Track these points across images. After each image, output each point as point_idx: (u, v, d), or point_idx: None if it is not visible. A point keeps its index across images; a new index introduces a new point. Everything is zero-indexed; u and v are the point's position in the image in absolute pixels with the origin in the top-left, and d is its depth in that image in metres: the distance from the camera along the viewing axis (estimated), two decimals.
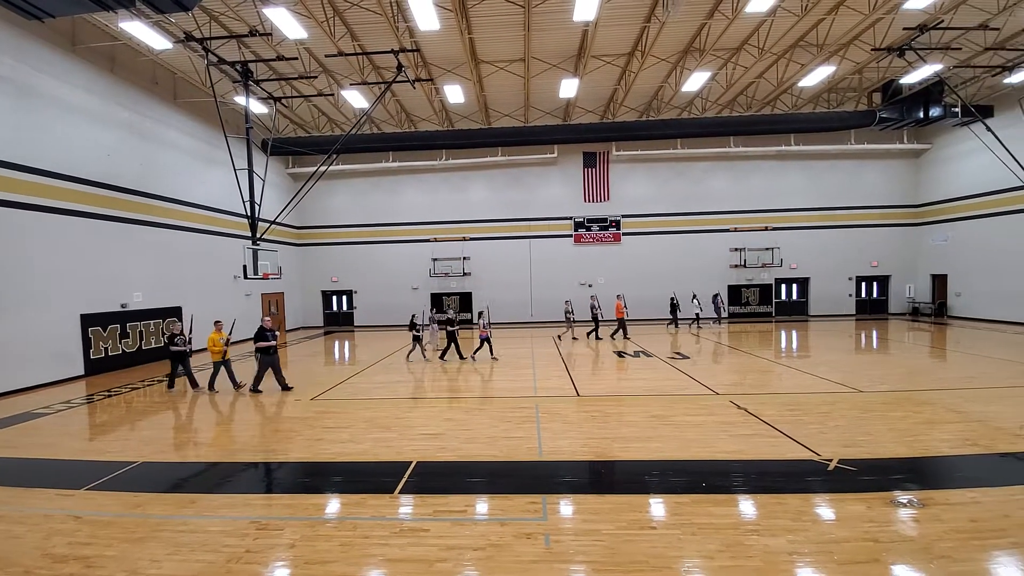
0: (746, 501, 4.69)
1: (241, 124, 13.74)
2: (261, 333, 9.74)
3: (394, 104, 18.82)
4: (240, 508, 4.79)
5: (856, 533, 4.03)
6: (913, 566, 3.57)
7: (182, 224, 15.75)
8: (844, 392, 8.78)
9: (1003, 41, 13.61)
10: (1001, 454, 5.71)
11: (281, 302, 21.58)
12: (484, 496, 4.94)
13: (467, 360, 12.82)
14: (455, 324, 13.02)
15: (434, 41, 13.94)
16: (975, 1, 11.97)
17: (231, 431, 7.47)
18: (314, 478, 5.62)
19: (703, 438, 6.51)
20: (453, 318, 13.23)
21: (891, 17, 12.85)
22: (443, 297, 23.14)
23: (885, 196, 22.37)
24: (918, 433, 6.50)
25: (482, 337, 12.99)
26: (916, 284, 22.25)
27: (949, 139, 20.41)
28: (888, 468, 5.38)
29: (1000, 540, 3.84)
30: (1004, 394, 8.34)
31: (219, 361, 9.94)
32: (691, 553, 3.80)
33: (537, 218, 22.78)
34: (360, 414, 8.09)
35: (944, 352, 13.09)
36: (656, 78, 17.11)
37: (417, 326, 13.30)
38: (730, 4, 12.12)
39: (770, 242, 22.25)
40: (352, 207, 23.27)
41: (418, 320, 13.49)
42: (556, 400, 8.71)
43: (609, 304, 17.97)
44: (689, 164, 22.32)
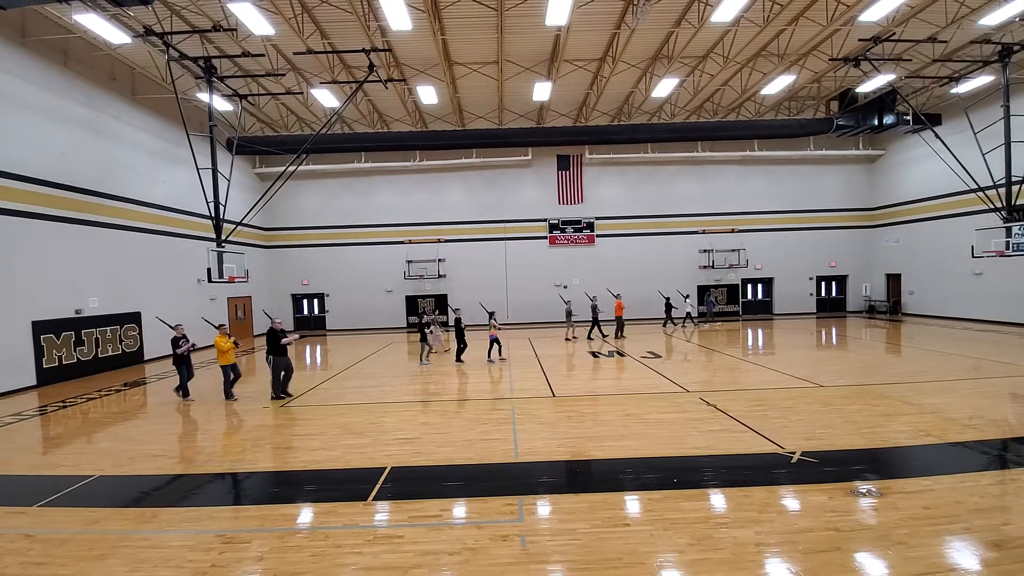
0: (715, 495, 4.83)
1: (204, 122, 13.27)
2: (274, 336, 9.30)
3: (366, 104, 18.55)
4: (205, 521, 4.61)
5: (819, 523, 4.21)
6: (872, 553, 3.75)
7: (142, 226, 15.07)
8: (806, 387, 9.15)
9: (950, 53, 14.50)
10: (952, 443, 6.06)
11: (249, 306, 20.90)
12: (460, 500, 4.91)
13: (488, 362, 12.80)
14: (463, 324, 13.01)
15: (407, 41, 13.82)
16: (925, 15, 12.72)
17: (195, 441, 7.19)
18: (284, 488, 5.46)
19: (674, 435, 6.66)
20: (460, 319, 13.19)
21: (847, 29, 13.52)
22: (418, 300, 22.91)
23: (842, 200, 23.51)
24: (875, 425, 6.84)
25: (492, 338, 13.03)
26: (872, 283, 23.45)
27: (901, 146, 21.61)
28: (848, 459, 5.63)
29: (952, 525, 4.08)
30: (954, 387, 8.86)
31: (227, 365, 9.47)
32: (663, 548, 3.89)
33: (512, 220, 22.85)
34: (332, 420, 7.91)
35: (898, 348, 13.81)
36: (627, 83, 17.45)
37: (427, 327, 13.20)
38: (696, 13, 12.50)
39: (736, 244, 23.02)
40: (323, 208, 22.77)
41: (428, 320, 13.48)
42: (532, 401, 8.75)
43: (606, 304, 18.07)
44: (659, 168, 22.85)
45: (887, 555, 3.71)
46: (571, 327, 17.37)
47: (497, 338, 13.04)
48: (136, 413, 9.06)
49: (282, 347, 9.26)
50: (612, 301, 17.49)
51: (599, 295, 17.94)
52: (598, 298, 17.40)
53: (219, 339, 9.45)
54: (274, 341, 9.24)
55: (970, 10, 12.15)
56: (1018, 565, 3.49)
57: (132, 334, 14.27)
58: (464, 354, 13.02)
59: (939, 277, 20.03)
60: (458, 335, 12.99)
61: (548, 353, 14.12)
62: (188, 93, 15.39)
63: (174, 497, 5.26)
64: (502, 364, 12.50)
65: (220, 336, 9.49)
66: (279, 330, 9.37)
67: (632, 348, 14.57)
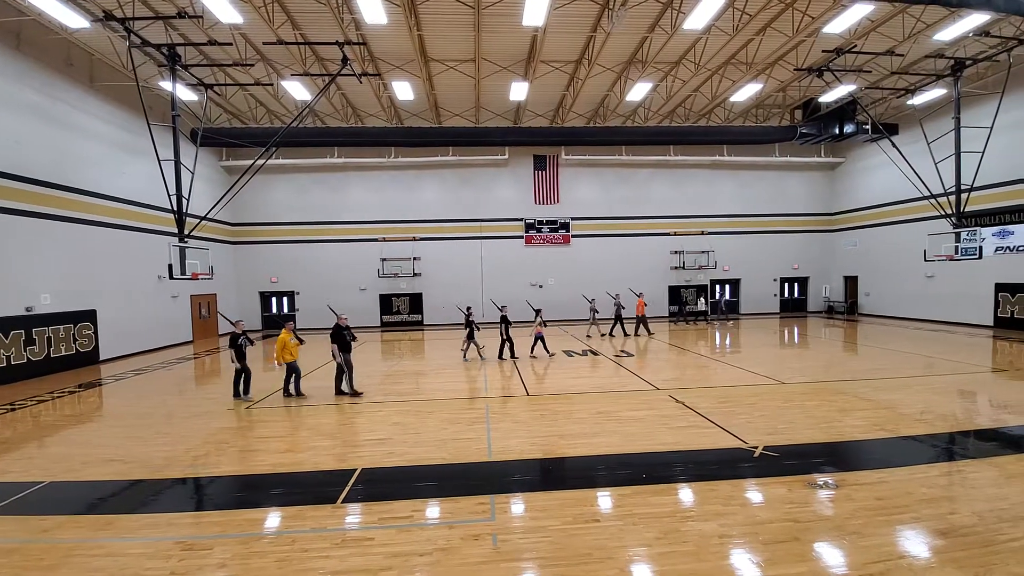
0: (682, 489, 4.97)
1: (167, 111, 12.77)
2: (339, 332, 9.06)
3: (339, 97, 18.17)
4: (164, 528, 4.44)
5: (778, 514, 4.38)
6: (828, 542, 3.93)
7: (100, 219, 14.34)
8: (769, 384, 9.50)
9: (907, 66, 15.29)
10: (904, 437, 6.40)
11: (213, 304, 20.16)
12: (432, 500, 4.88)
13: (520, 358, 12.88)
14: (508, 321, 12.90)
15: (382, 36, 13.61)
16: (884, 29, 13.38)
17: (154, 445, 6.89)
18: (249, 492, 5.29)
19: (644, 432, 6.81)
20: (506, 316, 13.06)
21: (812, 40, 14.08)
22: (392, 298, 22.61)
23: (805, 204, 24.52)
24: (833, 420, 7.15)
25: (537, 335, 13.24)
26: (831, 285, 24.54)
27: (860, 154, 22.66)
28: (807, 453, 5.88)
29: (903, 515, 4.31)
30: (907, 383, 9.36)
31: (290, 363, 9.17)
32: (632, 542, 3.97)
33: (489, 219, 22.81)
34: (301, 422, 7.73)
35: (855, 346, 14.48)
36: (602, 86, 17.68)
37: (472, 323, 13.09)
38: (669, 20, 12.77)
39: (706, 245, 23.65)
40: (293, 203, 22.18)
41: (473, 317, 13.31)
42: (506, 400, 8.77)
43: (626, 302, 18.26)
44: (633, 170, 23.26)
45: (842, 544, 3.89)
46: (594, 324, 17.68)
47: (542, 335, 13.30)
48: (91, 416, 8.62)
49: (347, 343, 9.06)
50: (634, 300, 18.07)
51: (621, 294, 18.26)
52: (620, 295, 17.83)
53: (284, 335, 9.09)
54: (340, 338, 9.02)
55: (926, 25, 12.84)
56: (964, 552, 3.72)
57: (87, 333, 13.56)
58: (504, 352, 12.95)
59: (893, 279, 21.11)
60: (503, 332, 12.95)
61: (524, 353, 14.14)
62: (150, 81, 14.73)
63: (131, 503, 5.03)
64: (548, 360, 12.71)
65: (286, 332, 9.14)
66: (345, 327, 9.14)
67: (605, 347, 14.78)
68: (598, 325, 17.91)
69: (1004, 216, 16.59)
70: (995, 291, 16.98)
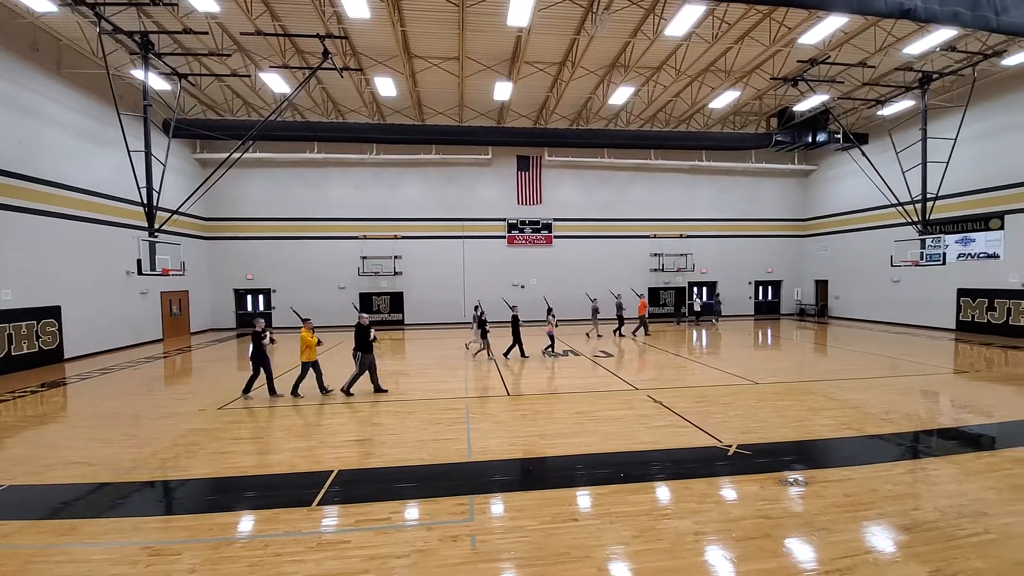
0: (659, 488, 5.05)
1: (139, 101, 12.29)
2: (363, 331, 9.02)
3: (320, 91, 17.84)
4: (130, 533, 4.28)
5: (751, 511, 4.49)
6: (798, 538, 4.05)
7: (65, 211, 13.73)
8: (743, 384, 9.73)
9: (878, 78, 15.87)
10: (870, 436, 6.65)
11: (185, 301, 19.58)
12: (410, 501, 4.83)
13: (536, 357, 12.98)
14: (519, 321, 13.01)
15: (364, 30, 13.43)
16: (857, 41, 13.85)
17: (121, 447, 6.64)
18: (220, 495, 5.15)
19: (623, 431, 6.89)
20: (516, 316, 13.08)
21: (788, 50, 14.47)
22: (373, 297, 22.32)
23: (779, 210, 25.24)
24: (803, 419, 7.38)
25: (549, 333, 13.43)
26: (803, 288, 25.36)
27: (831, 162, 23.42)
28: (778, 451, 6.05)
29: (869, 511, 4.48)
30: (873, 384, 9.71)
31: (309, 362, 9.01)
32: (609, 541, 4.02)
33: (471, 218, 22.74)
34: (276, 423, 7.56)
35: (825, 348, 14.95)
36: (586, 89, 17.82)
37: (485, 323, 13.02)
38: (651, 26, 12.95)
39: (684, 248, 24.11)
40: (271, 199, 21.66)
41: (485, 318, 13.29)
42: (487, 400, 8.76)
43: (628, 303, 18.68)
44: (615, 173, 23.52)
45: (811, 540, 4.02)
46: (596, 325, 17.91)
47: (553, 333, 13.51)
48: (54, 417, 8.26)
49: (369, 344, 9.03)
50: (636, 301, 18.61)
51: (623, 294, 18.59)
52: (622, 296, 18.20)
53: (305, 333, 8.93)
54: (363, 337, 8.99)
55: (896, 39, 13.34)
56: (927, 547, 3.88)
57: (51, 330, 12.99)
58: (511, 352, 13.06)
59: (862, 283, 21.89)
60: (513, 332, 12.98)
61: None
62: (121, 69, 14.22)
63: (96, 508, 4.84)
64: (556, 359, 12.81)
65: (306, 330, 8.98)
66: (367, 326, 9.10)
67: (586, 347, 14.90)
68: (599, 325, 18.20)
69: (967, 224, 17.38)
70: (957, 296, 17.77)
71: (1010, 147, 15.96)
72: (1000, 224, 16.30)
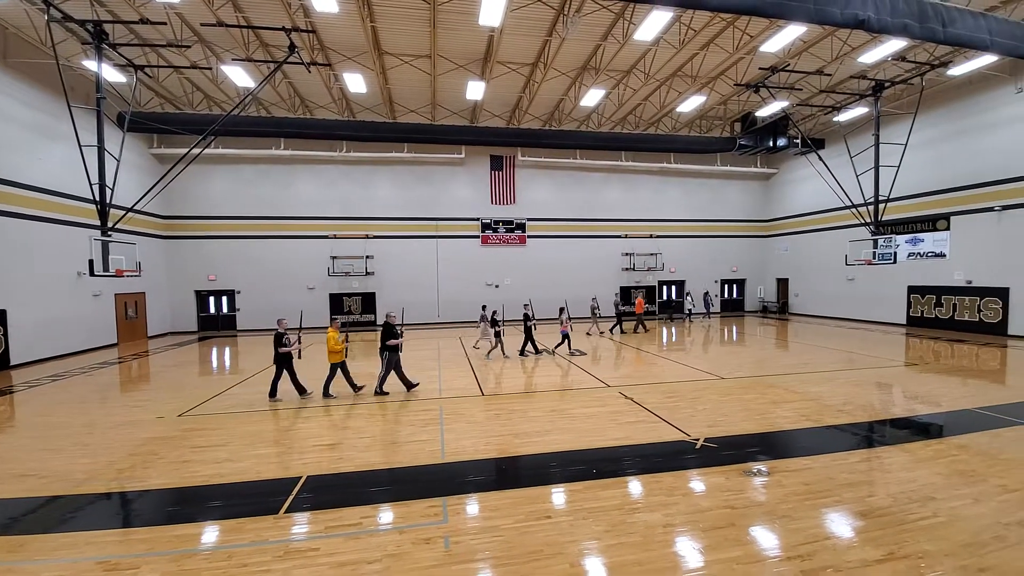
0: (630, 482, 5.15)
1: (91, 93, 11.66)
2: (389, 329, 9.00)
3: (286, 86, 17.33)
4: (83, 548, 4.06)
5: (717, 502, 4.64)
6: (761, 526, 4.21)
7: (10, 209, 12.85)
8: (710, 379, 10.04)
9: (834, 85, 16.64)
10: (827, 426, 6.96)
11: (142, 303, 18.66)
12: (383, 505, 4.76)
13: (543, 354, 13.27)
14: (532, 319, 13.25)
15: (333, 25, 13.13)
16: (815, 50, 14.48)
17: (73, 458, 6.28)
18: (182, 506, 4.93)
19: (595, 428, 7.00)
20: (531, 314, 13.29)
21: (750, 58, 15.01)
22: (344, 298, 21.85)
23: (743, 211, 26.19)
24: (765, 412, 7.67)
25: (563, 332, 13.59)
26: (765, 286, 26.39)
27: (791, 165, 24.43)
28: (742, 443, 6.27)
29: (827, 499, 4.69)
30: (830, 376, 10.18)
31: (337, 363, 8.92)
32: (582, 537, 4.07)
33: (445, 218, 22.58)
34: (240, 429, 7.30)
35: (786, 343, 15.58)
36: (558, 90, 17.97)
37: (498, 323, 13.11)
38: (621, 30, 13.19)
39: (654, 248, 24.67)
40: (235, 197, 20.90)
41: (498, 316, 13.39)
42: (461, 400, 8.72)
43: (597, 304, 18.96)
44: (587, 174, 23.82)
45: (774, 527, 4.19)
46: (595, 323, 18.31)
47: (568, 333, 13.66)
48: (1, 427, 7.74)
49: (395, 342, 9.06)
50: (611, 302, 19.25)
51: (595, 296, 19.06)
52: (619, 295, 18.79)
53: (332, 334, 8.77)
54: (390, 335, 8.99)
55: (851, 48, 14.03)
56: (881, 532, 4.10)
57: None
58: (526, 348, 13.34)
59: (820, 281, 22.93)
60: (525, 330, 13.28)
61: (478, 352, 14.13)
62: (72, 60, 13.45)
63: (47, 522, 4.56)
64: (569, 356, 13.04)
65: (333, 331, 8.85)
66: (395, 324, 9.11)
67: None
68: (598, 323, 18.56)
69: (916, 225, 18.45)
70: (907, 293, 18.84)
71: (956, 152, 17.03)
72: (947, 225, 17.38)
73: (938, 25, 9.68)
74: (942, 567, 3.58)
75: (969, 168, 16.56)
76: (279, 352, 8.77)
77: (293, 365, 8.98)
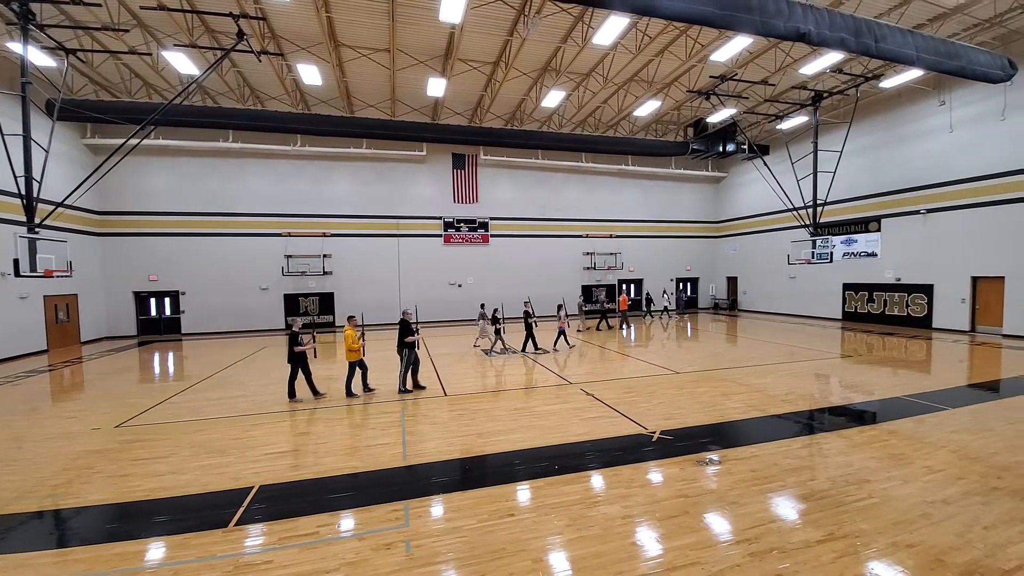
0: (590, 477, 5.27)
1: (16, 78, 10.66)
2: (407, 327, 9.08)
3: (234, 75, 16.48)
4: (15, 571, 3.73)
5: (672, 492, 4.84)
6: (712, 512, 4.43)
7: None
8: (665, 374, 10.43)
9: (777, 95, 17.63)
10: (772, 416, 7.39)
11: (74, 306, 17.25)
12: (341, 512, 4.64)
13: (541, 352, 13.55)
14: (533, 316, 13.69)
15: (285, 12, 12.62)
16: (760, 61, 15.30)
17: (0, 475, 5.74)
18: (121, 523, 4.61)
19: (558, 424, 7.11)
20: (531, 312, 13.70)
21: (701, 66, 15.65)
22: (299, 298, 21.05)
23: (696, 213, 27.35)
24: (716, 404, 8.05)
25: (560, 329, 14.13)
26: (716, 284, 27.68)
27: (740, 170, 25.72)
28: (696, 435, 6.56)
29: (772, 484, 4.99)
30: (775, 369, 10.80)
31: (355, 361, 8.91)
32: (544, 532, 4.14)
33: (406, 216, 22.19)
34: (186, 439, 6.90)
35: (735, 338, 16.38)
36: (519, 90, 18.06)
37: (499, 320, 13.65)
38: (580, 33, 13.43)
39: (614, 248, 25.30)
40: (178, 191, 19.65)
41: (499, 314, 13.95)
42: (423, 401, 8.62)
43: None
44: (549, 174, 24.09)
45: (724, 513, 4.41)
46: (582, 320, 18.77)
47: (564, 329, 14.19)
48: None
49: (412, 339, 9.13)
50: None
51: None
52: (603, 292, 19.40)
53: (349, 332, 8.73)
54: (407, 332, 9.08)
55: (793, 60, 14.91)
56: (821, 513, 4.39)
57: None
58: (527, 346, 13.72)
59: (765, 279, 24.29)
60: (526, 328, 13.68)
61: (441, 352, 14.02)
62: None
63: None
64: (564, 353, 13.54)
65: (350, 329, 8.81)
66: (411, 321, 9.20)
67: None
68: (585, 320, 19.13)
69: (850, 227, 19.86)
70: (843, 290, 20.26)
71: (886, 160, 18.46)
72: (878, 227, 18.81)
73: (871, 40, 10.47)
74: (876, 544, 3.89)
75: (898, 174, 18.00)
76: (294, 351, 8.70)
77: (308, 365, 8.92)
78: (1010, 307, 14.76)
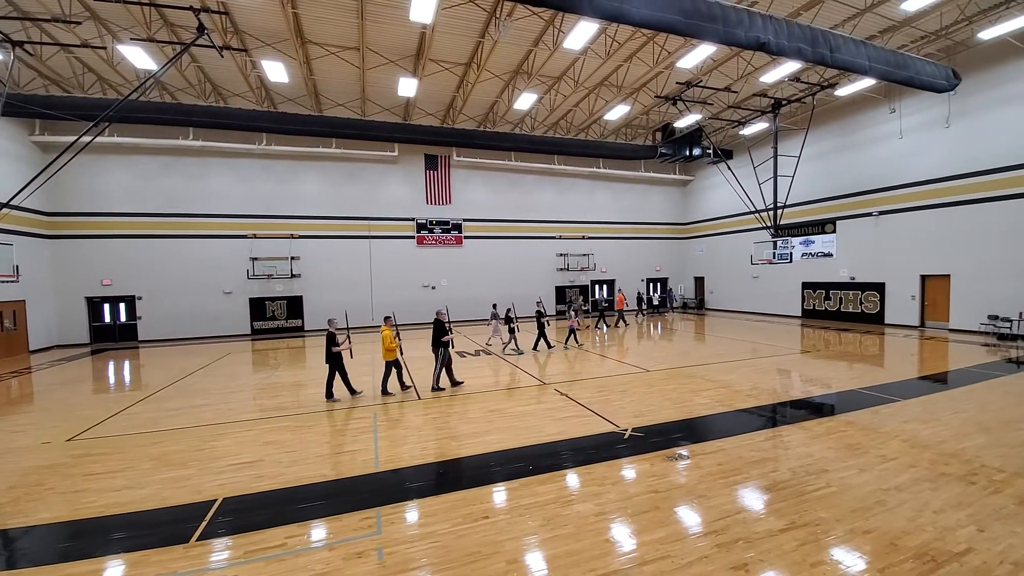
0: (564, 476, 5.33)
1: None
2: (441, 327, 9.23)
3: (195, 71, 15.85)
4: None
5: (643, 488, 4.94)
6: (682, 506, 4.54)
7: None
8: (636, 372, 10.64)
9: (740, 102, 18.27)
10: (738, 410, 7.64)
11: (21, 313, 16.18)
12: (311, 522, 4.52)
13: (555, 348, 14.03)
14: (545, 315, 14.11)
15: (249, 7, 12.24)
16: (723, 68, 15.83)
17: None
18: (75, 541, 4.35)
19: (532, 425, 7.14)
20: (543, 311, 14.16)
21: (668, 72, 16.08)
22: (266, 302, 20.38)
23: (664, 215, 28.07)
24: (685, 400, 8.26)
25: (570, 328, 14.70)
26: (684, 284, 28.47)
27: (706, 173, 26.53)
28: (666, 431, 6.72)
29: (738, 476, 5.16)
30: (740, 365, 11.18)
31: (391, 360, 9.02)
32: (518, 533, 4.15)
33: (378, 217, 21.85)
34: (143, 452, 6.57)
35: (703, 336, 16.86)
36: (492, 92, 18.08)
37: (512, 319, 13.98)
38: (551, 37, 13.57)
39: (586, 249, 25.63)
40: (135, 191, 18.73)
41: (512, 314, 14.23)
42: (396, 406, 8.50)
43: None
44: (522, 176, 24.22)
45: (693, 506, 4.54)
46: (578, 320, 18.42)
47: (575, 328, 14.76)
48: None
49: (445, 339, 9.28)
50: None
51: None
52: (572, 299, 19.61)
53: (386, 332, 8.85)
54: (442, 332, 9.23)
55: (755, 68, 15.49)
56: (784, 503, 4.57)
57: None
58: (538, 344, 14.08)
59: (730, 279, 25.13)
60: (539, 327, 14.05)
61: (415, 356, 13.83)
62: None
63: None
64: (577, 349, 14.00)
65: (387, 329, 8.92)
66: (445, 321, 9.31)
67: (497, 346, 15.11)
68: (580, 319, 19.12)
69: (808, 228, 20.75)
70: (802, 288, 21.17)
71: (841, 164, 19.39)
72: (833, 229, 19.73)
73: (827, 50, 10.98)
74: (835, 532, 4.08)
75: (852, 178, 18.95)
76: (331, 352, 8.77)
77: (344, 365, 9.01)
78: (956, 303, 15.75)
